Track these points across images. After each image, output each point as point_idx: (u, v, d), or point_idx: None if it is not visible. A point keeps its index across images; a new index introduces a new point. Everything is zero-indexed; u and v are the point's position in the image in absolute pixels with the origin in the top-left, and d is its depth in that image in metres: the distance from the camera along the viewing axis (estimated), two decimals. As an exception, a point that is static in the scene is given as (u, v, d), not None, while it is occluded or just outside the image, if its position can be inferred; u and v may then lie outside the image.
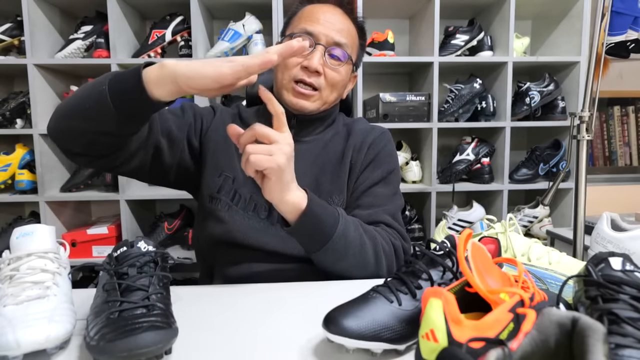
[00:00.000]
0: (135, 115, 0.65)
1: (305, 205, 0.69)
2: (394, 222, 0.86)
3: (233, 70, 0.57)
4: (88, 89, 0.66)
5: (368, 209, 0.85)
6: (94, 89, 0.63)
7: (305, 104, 0.87)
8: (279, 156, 0.63)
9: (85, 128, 0.66)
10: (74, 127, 0.68)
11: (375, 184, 0.89)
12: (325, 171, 0.89)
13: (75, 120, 0.67)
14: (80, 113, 0.66)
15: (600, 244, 0.80)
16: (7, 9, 1.81)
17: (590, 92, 1.12)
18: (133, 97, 0.61)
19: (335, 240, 0.71)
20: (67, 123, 0.68)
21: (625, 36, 1.17)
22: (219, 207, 0.86)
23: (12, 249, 0.56)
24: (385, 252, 0.79)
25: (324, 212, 0.71)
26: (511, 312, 0.40)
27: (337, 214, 0.73)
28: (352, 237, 0.74)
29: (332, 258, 0.74)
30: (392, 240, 0.82)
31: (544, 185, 1.91)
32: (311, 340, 0.54)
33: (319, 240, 0.72)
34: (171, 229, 1.82)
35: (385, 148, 0.93)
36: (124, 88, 0.62)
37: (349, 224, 0.74)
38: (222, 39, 1.76)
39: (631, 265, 0.47)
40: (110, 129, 0.65)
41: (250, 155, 0.62)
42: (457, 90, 1.86)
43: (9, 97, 1.82)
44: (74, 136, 0.69)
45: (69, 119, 0.68)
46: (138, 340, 0.45)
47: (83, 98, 0.65)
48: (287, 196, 0.67)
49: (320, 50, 0.85)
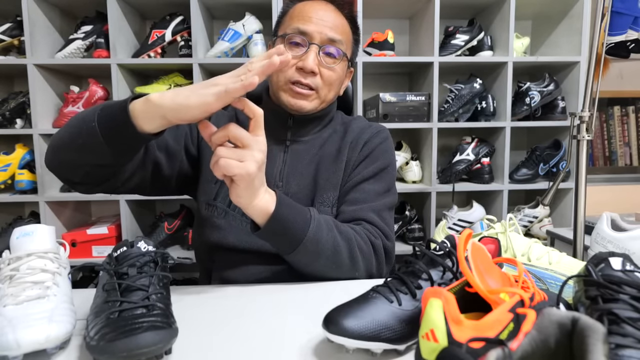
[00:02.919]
0: (128, 148, 0.65)
1: (273, 209, 0.67)
2: (378, 219, 0.83)
3: (218, 98, 0.57)
4: (79, 125, 0.65)
5: (353, 205, 0.84)
6: (85, 125, 0.63)
7: (304, 104, 0.86)
8: (250, 163, 0.60)
9: (81, 162, 0.67)
10: (70, 161, 0.69)
11: (366, 180, 0.87)
12: (322, 169, 0.88)
13: (71, 155, 0.67)
14: (74, 149, 0.66)
15: (600, 244, 0.80)
16: (7, 9, 1.81)
17: (590, 92, 1.12)
18: (123, 133, 0.61)
19: (306, 244, 0.70)
20: (63, 157, 0.69)
21: (625, 36, 1.17)
22: (215, 214, 0.86)
23: (12, 249, 0.56)
24: (363, 253, 0.77)
25: (293, 215, 0.70)
26: (511, 312, 0.40)
27: (308, 216, 0.72)
28: (325, 239, 0.72)
29: (305, 260, 0.73)
30: (372, 240, 0.79)
31: (544, 185, 1.92)
32: (311, 340, 0.54)
33: (288, 244, 0.70)
34: (171, 229, 1.82)
35: (380, 145, 0.91)
36: (113, 125, 0.61)
37: (322, 226, 0.73)
38: (222, 39, 1.76)
39: (631, 265, 0.47)
40: (106, 161, 0.66)
41: (220, 158, 0.60)
42: (457, 90, 1.86)
43: (9, 97, 1.82)
44: (71, 169, 0.70)
45: (64, 153, 0.68)
46: (138, 340, 0.45)
47: (75, 135, 0.65)
48: (254, 201, 0.65)
49: (314, 50, 0.84)
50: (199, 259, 0.94)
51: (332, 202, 0.86)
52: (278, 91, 0.87)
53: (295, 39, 0.84)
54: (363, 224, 0.82)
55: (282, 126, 0.90)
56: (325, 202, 0.86)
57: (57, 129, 0.76)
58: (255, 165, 0.61)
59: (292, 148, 0.90)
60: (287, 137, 0.91)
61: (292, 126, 0.90)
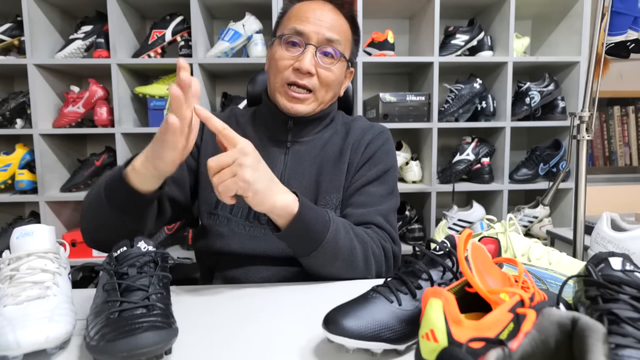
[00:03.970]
0: (141, 210, 0.70)
1: (297, 210, 0.67)
2: (386, 223, 0.84)
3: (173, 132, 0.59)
4: (94, 199, 0.72)
5: (360, 208, 0.84)
6: (97, 199, 0.70)
7: (300, 108, 0.85)
8: (242, 171, 0.61)
9: (110, 227, 0.71)
10: (102, 232, 0.73)
11: (370, 183, 0.87)
12: (324, 170, 0.88)
13: (99, 226, 0.73)
14: (98, 221, 0.72)
15: (600, 244, 0.80)
16: (7, 9, 1.81)
17: (590, 92, 1.12)
18: (131, 202, 0.68)
19: (325, 246, 0.70)
20: (95, 231, 0.74)
21: (625, 36, 1.17)
22: (217, 222, 0.86)
23: (12, 249, 0.56)
24: (376, 256, 0.78)
25: (314, 217, 0.70)
26: (511, 312, 0.40)
27: (327, 218, 0.72)
28: (342, 242, 0.72)
29: (322, 262, 0.73)
30: (383, 244, 0.80)
31: (544, 185, 1.92)
32: (311, 340, 0.54)
33: (308, 246, 0.70)
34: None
35: (383, 147, 0.91)
36: (119, 196, 0.67)
37: (340, 228, 0.73)
38: (222, 39, 1.76)
39: (631, 265, 0.47)
40: (127, 221, 0.70)
41: (218, 186, 0.62)
42: (457, 90, 1.86)
43: (9, 97, 1.82)
44: (106, 236, 0.72)
45: (95, 228, 0.74)
46: (138, 340, 0.45)
47: (94, 209, 0.72)
48: (274, 202, 0.66)
49: (311, 50, 0.83)
50: (201, 261, 0.94)
51: (335, 204, 0.86)
52: (275, 93, 0.87)
53: (292, 39, 0.84)
54: (373, 228, 0.82)
55: (282, 127, 0.90)
56: (329, 205, 0.85)
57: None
58: (247, 169, 0.62)
59: (293, 149, 0.90)
60: (287, 138, 0.90)
61: (292, 127, 0.90)
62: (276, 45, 0.86)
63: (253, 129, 0.93)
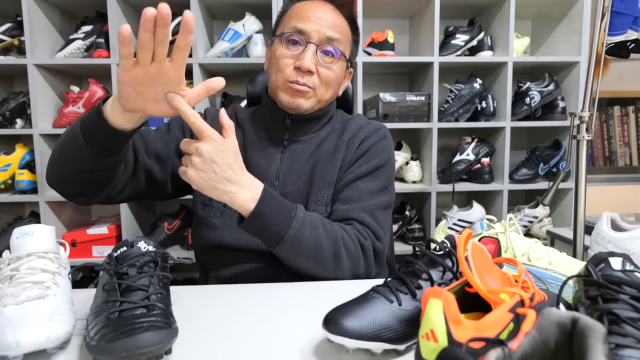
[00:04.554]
0: (107, 147, 0.69)
1: (254, 206, 0.69)
2: (370, 219, 0.82)
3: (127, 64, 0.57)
4: (67, 133, 0.72)
5: (346, 204, 0.84)
6: (70, 132, 0.70)
7: (301, 102, 0.85)
8: (189, 167, 0.66)
9: (73, 169, 0.72)
10: (64, 172, 0.74)
11: (359, 178, 0.86)
12: (318, 168, 0.87)
13: (63, 164, 0.73)
14: (64, 157, 0.72)
15: (600, 244, 0.80)
16: (7, 9, 1.81)
17: (590, 92, 1.12)
18: (100, 132, 0.66)
19: (287, 242, 0.72)
20: (58, 169, 0.75)
21: (625, 36, 1.17)
22: (211, 213, 0.86)
23: (12, 249, 0.56)
24: (350, 253, 0.77)
25: (273, 214, 0.71)
26: (511, 312, 0.40)
27: (293, 214, 0.73)
28: (307, 238, 0.73)
29: (287, 256, 0.75)
30: (361, 241, 0.79)
31: (544, 185, 1.92)
32: (311, 340, 0.54)
33: (269, 240, 0.73)
34: (171, 229, 1.81)
35: (378, 143, 0.90)
36: (90, 126, 0.67)
37: (305, 225, 0.73)
38: (222, 39, 1.76)
39: (631, 265, 0.47)
40: (94, 165, 0.70)
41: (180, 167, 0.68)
42: (457, 90, 1.86)
43: (9, 97, 1.82)
44: (67, 179, 0.75)
45: (58, 165, 0.74)
46: (138, 340, 0.45)
47: (64, 143, 0.72)
48: (225, 200, 0.69)
49: (311, 49, 0.83)
50: (198, 259, 0.94)
51: (326, 200, 0.86)
52: (276, 91, 0.87)
53: (293, 37, 0.84)
54: (354, 224, 0.81)
55: (280, 126, 0.90)
56: (320, 201, 0.85)
57: (58, 131, 0.79)
58: (191, 168, 0.66)
59: (290, 148, 0.90)
60: (285, 137, 0.91)
61: (290, 126, 0.90)
62: (277, 43, 0.87)
63: (252, 127, 0.93)
